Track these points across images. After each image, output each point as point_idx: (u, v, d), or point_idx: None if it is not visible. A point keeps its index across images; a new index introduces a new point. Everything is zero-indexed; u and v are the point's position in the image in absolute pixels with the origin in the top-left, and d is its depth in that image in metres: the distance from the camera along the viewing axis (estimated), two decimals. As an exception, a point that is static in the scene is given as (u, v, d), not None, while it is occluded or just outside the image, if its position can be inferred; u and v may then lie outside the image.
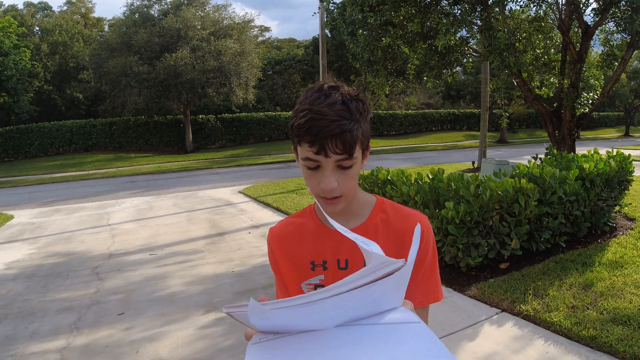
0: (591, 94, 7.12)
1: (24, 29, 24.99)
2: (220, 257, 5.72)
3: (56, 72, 28.82)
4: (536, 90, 8.43)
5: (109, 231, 7.50)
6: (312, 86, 0.95)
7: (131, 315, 4.02)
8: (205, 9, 25.51)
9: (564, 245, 5.04)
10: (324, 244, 1.07)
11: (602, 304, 3.60)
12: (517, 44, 7.64)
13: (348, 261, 1.04)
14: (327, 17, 13.69)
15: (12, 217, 9.21)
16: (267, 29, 53.65)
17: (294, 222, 1.14)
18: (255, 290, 4.54)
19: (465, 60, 8.95)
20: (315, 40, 24.89)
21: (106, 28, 35.54)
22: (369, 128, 0.97)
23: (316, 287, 1.06)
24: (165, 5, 25.19)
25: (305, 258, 1.08)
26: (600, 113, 40.92)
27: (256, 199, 9.98)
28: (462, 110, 36.31)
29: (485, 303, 3.89)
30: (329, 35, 23.72)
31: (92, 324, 3.87)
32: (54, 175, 18.49)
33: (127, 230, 7.52)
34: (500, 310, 3.74)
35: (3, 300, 4.52)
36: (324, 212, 0.99)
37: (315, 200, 1.02)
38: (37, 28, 31.53)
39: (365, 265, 1.01)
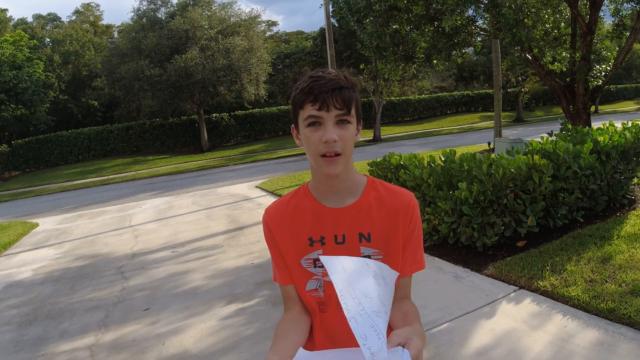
0: (603, 66, 6.98)
1: (35, 41, 25.41)
2: (240, 250, 5.83)
3: (70, 82, 29.32)
4: (549, 65, 8.29)
5: (132, 232, 7.68)
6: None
7: (156, 310, 4.15)
8: (211, 7, 25.65)
9: (582, 221, 4.98)
10: (322, 221, 1.12)
11: (620, 276, 3.57)
12: (525, 20, 7.53)
13: (345, 236, 1.10)
14: (333, 7, 13.62)
15: (37, 225, 9.48)
16: (274, 24, 53.59)
17: (289, 202, 1.18)
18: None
19: (474, 40, 8.85)
20: (322, 31, 24.79)
21: (115, 34, 35.96)
22: (360, 105, 1.07)
23: (315, 261, 1.12)
24: (171, 8, 25.36)
25: (304, 235, 1.13)
26: (618, 86, 39.80)
27: (273, 192, 10.08)
28: (476, 92, 35.76)
29: (503, 281, 3.90)
30: (337, 25, 23.54)
31: (119, 321, 4.01)
32: (75, 182, 18.92)
33: (149, 230, 7.69)
34: (517, 287, 3.74)
35: (33, 304, 4.69)
36: (325, 173, 1.06)
37: (315, 164, 1.07)
38: (48, 39, 32.05)
39: (360, 246, 1.10)
